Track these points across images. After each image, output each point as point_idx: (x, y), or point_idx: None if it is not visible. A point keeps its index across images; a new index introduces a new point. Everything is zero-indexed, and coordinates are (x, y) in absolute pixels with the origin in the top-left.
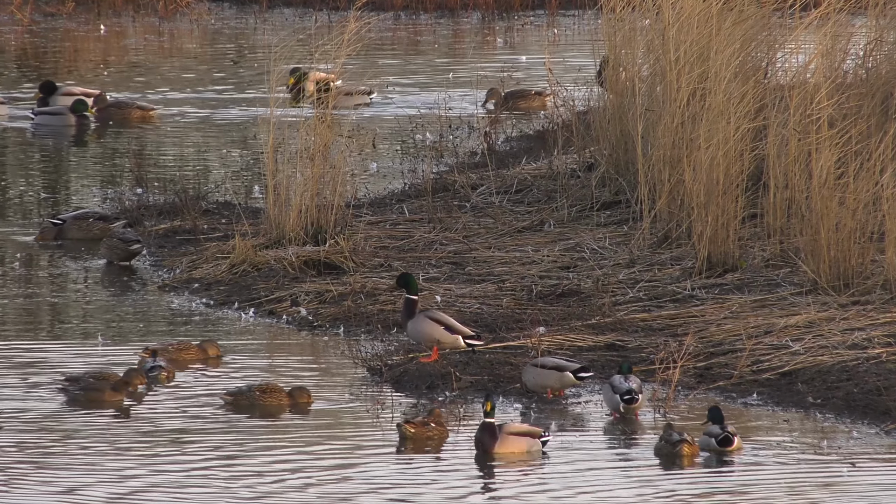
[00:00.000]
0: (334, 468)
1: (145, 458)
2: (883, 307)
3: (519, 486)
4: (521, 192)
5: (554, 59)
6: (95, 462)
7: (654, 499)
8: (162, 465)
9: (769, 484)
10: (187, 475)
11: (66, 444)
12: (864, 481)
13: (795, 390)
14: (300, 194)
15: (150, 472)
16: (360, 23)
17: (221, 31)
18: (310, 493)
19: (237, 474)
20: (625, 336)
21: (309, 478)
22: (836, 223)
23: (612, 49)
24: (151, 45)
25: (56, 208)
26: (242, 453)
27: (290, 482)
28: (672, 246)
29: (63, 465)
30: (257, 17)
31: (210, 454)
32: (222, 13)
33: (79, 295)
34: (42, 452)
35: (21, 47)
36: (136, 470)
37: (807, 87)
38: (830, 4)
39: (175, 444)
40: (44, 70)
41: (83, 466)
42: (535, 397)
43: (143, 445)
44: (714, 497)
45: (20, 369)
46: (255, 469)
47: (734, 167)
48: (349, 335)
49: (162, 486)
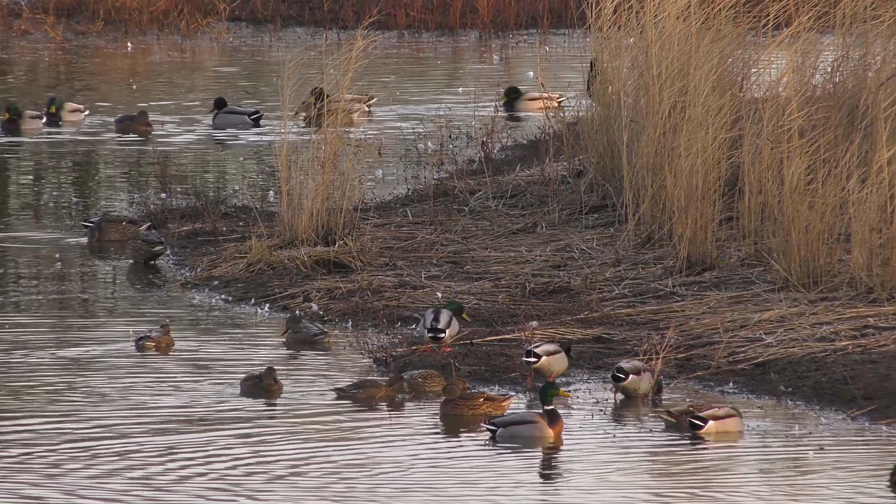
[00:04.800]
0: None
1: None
2: (849, 303)
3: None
4: (516, 197)
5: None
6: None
7: (635, 472)
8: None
9: (745, 464)
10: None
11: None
12: (831, 463)
13: (768, 379)
14: (311, 199)
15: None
16: (367, 41)
17: (239, 49)
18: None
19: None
20: (611, 329)
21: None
22: (805, 225)
23: (601, 63)
24: (175, 61)
25: (88, 212)
26: (268, 438)
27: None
28: (654, 246)
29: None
30: (272, 35)
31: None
32: (240, 31)
33: (108, 292)
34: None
35: (54, 63)
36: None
37: (779, 100)
38: (801, 24)
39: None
40: (76, 84)
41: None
42: (527, 384)
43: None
44: (695, 473)
45: (56, 360)
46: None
47: (712, 174)
48: (357, 329)
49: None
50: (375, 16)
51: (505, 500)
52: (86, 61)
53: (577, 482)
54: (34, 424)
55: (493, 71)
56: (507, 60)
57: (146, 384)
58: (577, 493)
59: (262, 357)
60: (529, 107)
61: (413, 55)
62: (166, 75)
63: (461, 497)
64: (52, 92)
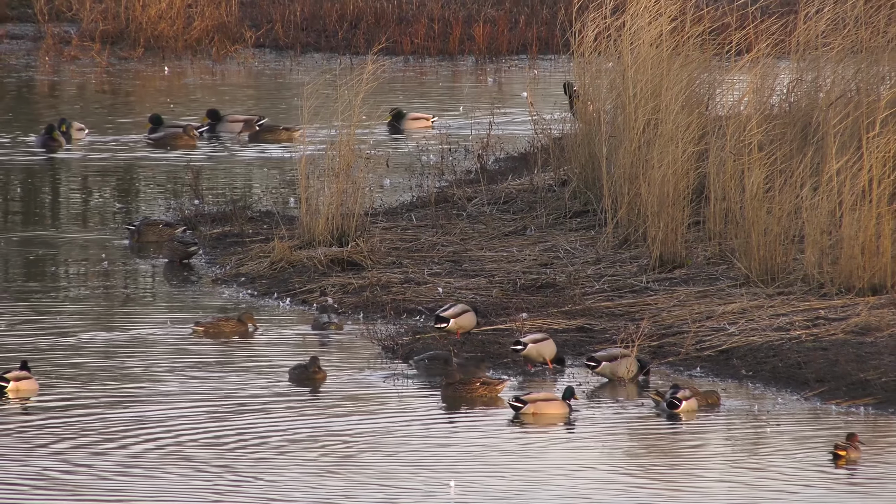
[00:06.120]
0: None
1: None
2: (802, 297)
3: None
4: (508, 203)
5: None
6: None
7: (615, 446)
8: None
9: (712, 438)
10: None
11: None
12: (786, 438)
13: (731, 364)
14: (327, 205)
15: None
16: (377, 65)
17: (263, 72)
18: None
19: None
20: (592, 320)
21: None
22: (764, 228)
23: (582, 86)
24: (206, 83)
25: (130, 216)
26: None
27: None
28: (631, 247)
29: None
30: (292, 60)
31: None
32: (264, 57)
33: (147, 286)
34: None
35: (100, 84)
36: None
37: (740, 118)
38: (760, 50)
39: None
40: (128, 102)
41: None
42: (519, 369)
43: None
44: (669, 445)
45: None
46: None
47: (681, 183)
48: (368, 319)
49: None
50: (384, 43)
51: (488, 458)
52: (127, 83)
53: (561, 454)
54: (89, 402)
55: (488, 91)
56: (499, 82)
57: (188, 366)
58: (562, 462)
59: (279, 343)
60: (412, 126)
61: (417, 78)
62: (198, 94)
63: (453, 455)
64: (105, 109)
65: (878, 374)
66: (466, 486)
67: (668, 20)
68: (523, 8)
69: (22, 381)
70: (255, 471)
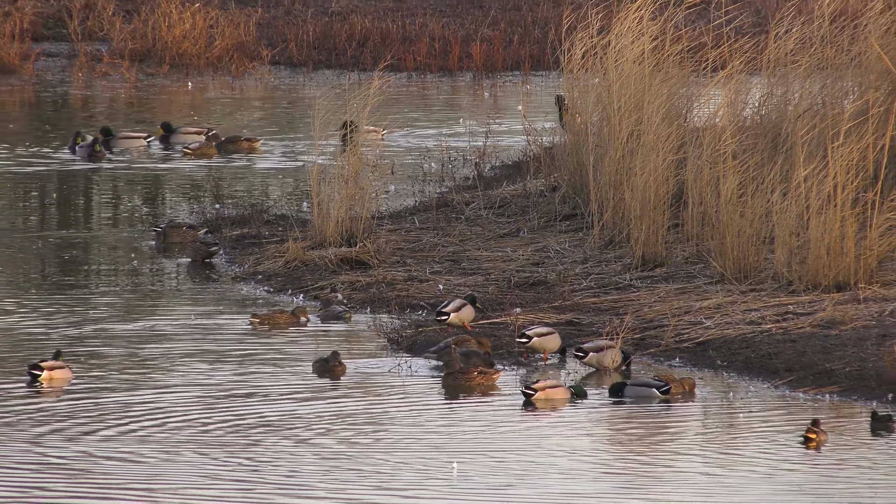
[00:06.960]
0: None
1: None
2: (773, 293)
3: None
4: (503, 207)
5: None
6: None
7: (602, 421)
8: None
9: (690, 423)
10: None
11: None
12: (758, 423)
13: (708, 355)
14: (337, 209)
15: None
16: (382, 81)
17: (278, 87)
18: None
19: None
20: (580, 315)
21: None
22: (738, 231)
23: (571, 100)
24: (226, 97)
25: (156, 219)
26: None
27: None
28: (615, 247)
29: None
30: (305, 76)
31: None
32: (279, 73)
33: (172, 284)
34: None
35: (128, 99)
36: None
37: (716, 129)
38: (734, 67)
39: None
40: (155, 114)
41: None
42: (515, 360)
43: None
44: (648, 430)
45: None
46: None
47: (662, 189)
48: (374, 314)
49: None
50: (389, 60)
51: (490, 441)
52: (154, 97)
53: (550, 440)
54: (119, 387)
55: (485, 105)
56: (495, 97)
57: (208, 357)
58: (552, 447)
59: (296, 336)
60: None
61: (419, 92)
62: (218, 108)
63: (455, 439)
64: (143, 121)
65: (842, 364)
66: (468, 466)
67: (649, 40)
68: (517, 28)
69: (56, 370)
70: (271, 455)
